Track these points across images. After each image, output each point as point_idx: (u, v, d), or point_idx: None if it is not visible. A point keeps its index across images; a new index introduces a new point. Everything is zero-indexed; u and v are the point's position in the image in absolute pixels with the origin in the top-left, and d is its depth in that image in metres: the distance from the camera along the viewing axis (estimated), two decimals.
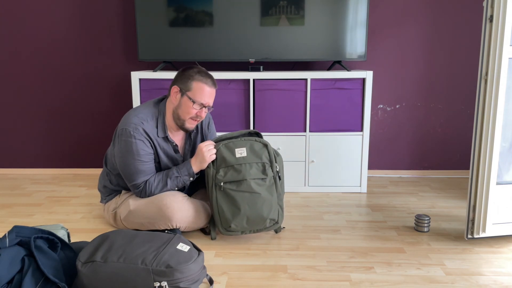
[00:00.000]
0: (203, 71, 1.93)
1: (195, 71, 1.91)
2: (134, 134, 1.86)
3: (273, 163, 1.90)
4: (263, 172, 1.88)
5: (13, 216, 2.27)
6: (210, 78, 1.93)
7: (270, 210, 1.86)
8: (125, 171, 1.91)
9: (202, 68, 1.95)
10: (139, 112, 1.93)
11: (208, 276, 1.57)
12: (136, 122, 1.88)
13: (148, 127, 1.91)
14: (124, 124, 1.89)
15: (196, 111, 1.92)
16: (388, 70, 2.93)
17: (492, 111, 1.75)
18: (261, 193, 1.85)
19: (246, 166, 1.86)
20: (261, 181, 1.87)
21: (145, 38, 2.64)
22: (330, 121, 2.61)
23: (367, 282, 1.58)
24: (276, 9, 2.59)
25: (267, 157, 1.90)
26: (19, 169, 3.15)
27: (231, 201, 1.85)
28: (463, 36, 2.87)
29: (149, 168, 1.92)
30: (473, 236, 1.88)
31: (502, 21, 1.67)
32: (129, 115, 1.92)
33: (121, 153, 1.90)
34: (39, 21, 2.92)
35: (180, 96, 1.92)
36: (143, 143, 1.89)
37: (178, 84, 1.92)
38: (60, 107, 3.05)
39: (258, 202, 1.84)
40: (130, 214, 1.94)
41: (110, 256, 1.44)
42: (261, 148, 1.90)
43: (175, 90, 1.93)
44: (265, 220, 1.86)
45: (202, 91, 1.90)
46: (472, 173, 1.83)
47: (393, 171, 3.07)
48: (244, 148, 1.88)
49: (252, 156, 1.88)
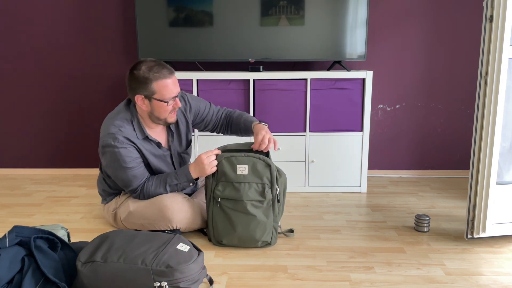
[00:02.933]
0: (153, 64, 1.80)
1: (146, 70, 1.78)
2: (115, 144, 1.81)
3: (274, 185, 1.81)
4: (262, 194, 1.80)
5: (13, 216, 2.27)
6: (164, 67, 1.81)
7: (264, 233, 1.82)
8: (119, 180, 1.90)
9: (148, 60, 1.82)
10: (114, 120, 1.86)
11: (208, 276, 1.57)
12: (114, 131, 1.82)
13: (127, 133, 1.84)
14: (103, 137, 1.84)
15: (171, 106, 1.85)
16: (388, 70, 2.93)
17: (492, 111, 1.75)
18: (257, 215, 1.80)
19: (245, 186, 1.80)
20: (258, 203, 1.81)
21: (145, 38, 2.64)
22: (330, 121, 2.61)
23: (367, 282, 1.58)
24: (276, 9, 2.59)
25: (269, 178, 1.81)
26: (19, 169, 3.15)
27: (226, 219, 1.83)
28: (463, 36, 2.87)
29: (140, 172, 1.89)
30: (473, 236, 1.88)
31: (502, 21, 1.67)
32: (105, 126, 1.86)
33: (110, 165, 1.87)
34: (39, 21, 2.92)
35: (148, 102, 1.83)
36: (127, 150, 1.84)
37: (140, 92, 1.81)
38: (60, 107, 3.05)
39: (252, 224, 1.80)
40: (130, 215, 1.94)
41: (110, 256, 1.44)
42: (263, 168, 1.81)
43: (140, 99, 1.82)
44: (257, 242, 1.84)
45: (166, 87, 1.80)
46: (472, 173, 1.83)
47: (393, 171, 3.07)
48: (246, 166, 1.80)
49: (253, 175, 1.80)
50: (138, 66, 1.81)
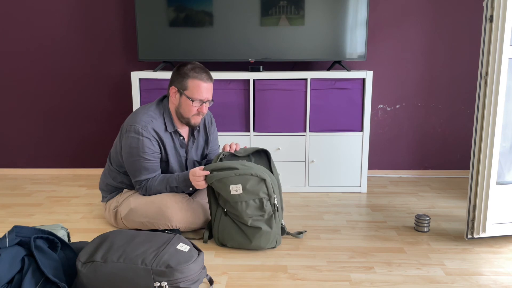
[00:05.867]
0: (198, 66, 1.92)
1: (189, 68, 1.91)
2: (142, 131, 1.88)
3: (272, 196, 1.78)
4: (261, 208, 1.78)
5: (13, 216, 2.27)
6: (205, 72, 1.92)
7: (268, 241, 1.82)
8: (130, 167, 1.94)
9: (196, 63, 1.94)
10: (148, 110, 1.95)
11: (208, 276, 1.57)
12: (145, 120, 1.91)
13: (156, 125, 1.93)
14: (133, 121, 1.90)
15: (196, 108, 1.93)
16: (388, 70, 2.93)
17: (492, 111, 1.75)
18: (262, 227, 1.79)
19: (242, 205, 1.77)
20: (259, 217, 1.80)
21: (145, 38, 2.64)
22: (330, 121, 2.61)
23: (367, 282, 1.58)
24: (276, 9, 2.59)
25: (265, 192, 1.77)
26: (19, 169, 3.15)
27: (234, 229, 1.83)
28: (463, 36, 2.87)
29: (152, 166, 1.93)
30: (473, 236, 1.88)
31: (502, 21, 1.67)
32: (138, 113, 1.94)
33: (128, 149, 1.91)
34: (39, 21, 2.92)
35: (179, 96, 1.93)
36: (150, 142, 1.90)
37: (175, 84, 1.93)
38: (60, 107, 3.05)
39: (257, 234, 1.80)
40: (131, 212, 1.95)
41: (110, 256, 1.44)
42: (258, 184, 1.75)
43: (173, 91, 1.94)
44: (262, 248, 1.85)
45: (198, 88, 1.90)
46: (472, 173, 1.83)
47: (393, 171, 3.07)
48: (240, 185, 1.74)
49: (248, 193, 1.75)
50: (186, 63, 1.94)
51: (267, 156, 1.92)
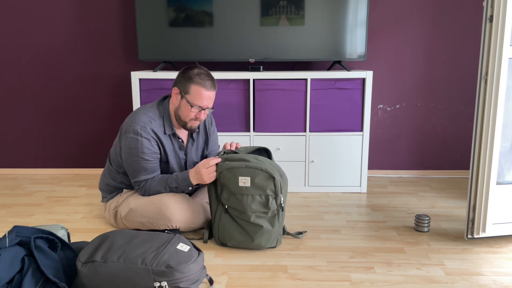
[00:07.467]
0: (203, 72, 1.90)
1: (195, 73, 1.89)
2: (141, 132, 1.88)
3: (278, 195, 1.78)
4: (266, 205, 1.78)
5: (13, 216, 2.27)
6: (210, 80, 1.90)
7: (269, 240, 1.82)
8: (129, 168, 1.94)
9: (203, 69, 1.92)
10: (147, 111, 1.95)
11: (208, 276, 1.57)
12: (144, 120, 1.90)
13: (155, 126, 1.93)
14: (132, 122, 1.90)
15: (194, 113, 1.92)
16: (388, 70, 2.93)
17: (492, 111, 1.75)
18: (263, 225, 1.79)
19: (248, 198, 1.77)
20: (262, 214, 1.80)
21: (145, 38, 2.64)
22: (330, 121, 2.61)
23: (367, 282, 1.58)
24: (276, 9, 2.59)
25: (273, 189, 1.77)
26: (19, 169, 3.15)
27: (234, 227, 1.82)
28: (463, 36, 2.87)
29: (151, 167, 1.93)
30: (473, 236, 1.88)
31: (502, 21, 1.67)
32: (137, 113, 1.94)
33: (127, 150, 1.91)
34: (40, 21, 2.92)
35: (180, 98, 1.93)
36: (149, 142, 1.90)
37: (178, 86, 1.92)
38: (60, 107, 3.05)
39: (258, 232, 1.80)
40: (131, 212, 1.95)
41: (110, 256, 1.44)
42: (266, 180, 1.75)
43: (175, 92, 1.93)
44: (262, 248, 1.85)
45: (200, 95, 1.88)
46: (472, 173, 1.83)
47: (393, 171, 3.07)
48: (249, 177, 1.75)
49: (256, 188, 1.76)
50: (193, 67, 1.92)
51: (268, 154, 1.92)
